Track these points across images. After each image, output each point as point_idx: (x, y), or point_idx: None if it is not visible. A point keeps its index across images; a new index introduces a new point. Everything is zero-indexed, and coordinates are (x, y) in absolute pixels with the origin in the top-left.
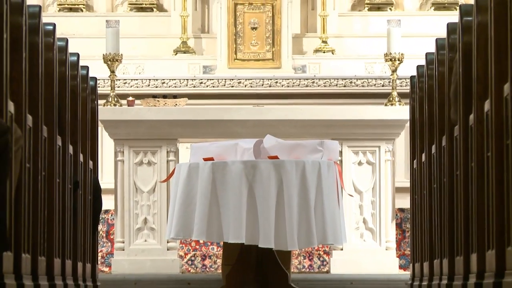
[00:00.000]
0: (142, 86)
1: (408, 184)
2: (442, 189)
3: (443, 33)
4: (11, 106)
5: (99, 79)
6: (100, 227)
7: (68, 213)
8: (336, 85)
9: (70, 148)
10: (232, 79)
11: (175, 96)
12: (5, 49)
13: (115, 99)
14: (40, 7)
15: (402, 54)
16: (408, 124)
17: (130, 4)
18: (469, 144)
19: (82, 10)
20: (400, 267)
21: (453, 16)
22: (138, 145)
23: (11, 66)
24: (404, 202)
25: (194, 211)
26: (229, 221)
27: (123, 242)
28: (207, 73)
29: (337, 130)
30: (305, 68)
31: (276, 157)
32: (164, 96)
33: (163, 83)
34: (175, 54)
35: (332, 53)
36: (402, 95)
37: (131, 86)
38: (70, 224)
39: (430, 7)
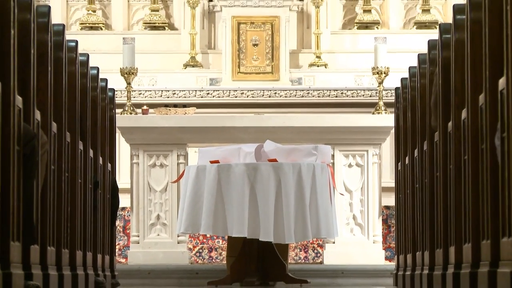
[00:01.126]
0: (155, 97)
1: (393, 184)
2: (423, 188)
3: (424, 49)
4: (37, 115)
5: (116, 90)
6: (117, 222)
7: (89, 210)
8: (329, 95)
9: (91, 152)
10: (236, 90)
11: (184, 106)
12: (33, 63)
13: (131, 108)
14: (63, 25)
15: (387, 68)
16: (393, 131)
17: (145, 23)
18: (448, 149)
19: (101, 29)
20: (386, 258)
21: (433, 34)
22: (151, 149)
23: (37, 78)
24: (390, 200)
25: (201, 208)
26: (233, 217)
27: (138, 236)
28: (213, 85)
29: (330, 136)
30: (301, 81)
31: (275, 160)
32: (175, 105)
33: (174, 93)
34: (185, 68)
35: (325, 67)
36: (387, 105)
37: (145, 97)
38: (90, 220)
39: (413, 26)
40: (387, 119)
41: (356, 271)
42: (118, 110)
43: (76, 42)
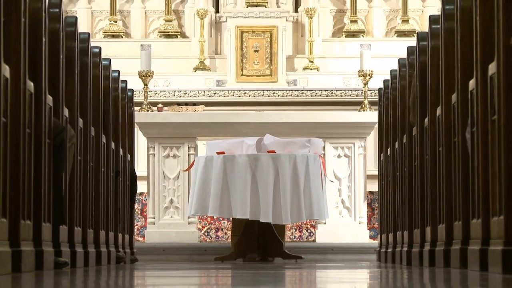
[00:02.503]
0: (169, 96)
1: (376, 172)
2: (403, 176)
3: (404, 55)
4: (66, 112)
5: (135, 91)
6: (136, 206)
7: (111, 195)
8: (320, 95)
9: (112, 144)
10: (239, 91)
11: (194, 104)
12: (61, 67)
13: (148, 106)
14: (89, 34)
15: (371, 71)
16: (376, 126)
17: (160, 32)
18: (424, 141)
19: (122, 37)
20: (370, 237)
21: (412, 41)
22: (165, 142)
23: (66, 80)
24: (373, 186)
25: (209, 193)
26: (236, 201)
27: (154, 218)
28: (220, 85)
29: (321, 130)
30: (296, 82)
31: (273, 152)
32: (186, 103)
33: (185, 93)
34: (195, 71)
35: (317, 70)
36: (372, 103)
37: (160, 96)
38: (112, 203)
39: (394, 34)
40: (371, 116)
41: (344, 248)
42: (136, 108)
43: (100, 48)
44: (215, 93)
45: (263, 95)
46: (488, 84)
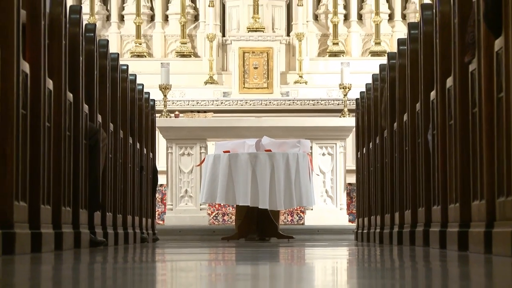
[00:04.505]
0: (184, 105)
1: (354, 167)
2: (376, 171)
3: (376, 71)
4: (99, 118)
5: (156, 100)
6: (157, 195)
7: (136, 186)
8: (308, 104)
9: (138, 144)
10: (242, 100)
11: (205, 111)
12: (95, 81)
13: (167, 113)
14: (118, 54)
15: (350, 84)
16: (354, 129)
17: (176, 52)
18: (393, 142)
19: (145, 56)
20: (349, 221)
21: (383, 60)
22: (181, 142)
23: (99, 92)
24: (352, 179)
25: (217, 185)
26: (239, 191)
27: (172, 205)
28: (226, 96)
29: (309, 133)
30: (288, 93)
31: (270, 151)
32: (198, 111)
33: (197, 103)
34: (205, 84)
35: (306, 84)
36: (350, 111)
37: (176, 105)
38: (138, 193)
39: (368, 54)
40: (350, 121)
41: (328, 230)
42: (157, 115)
43: (127, 66)
44: (222, 103)
45: (261, 104)
46: (446, 95)
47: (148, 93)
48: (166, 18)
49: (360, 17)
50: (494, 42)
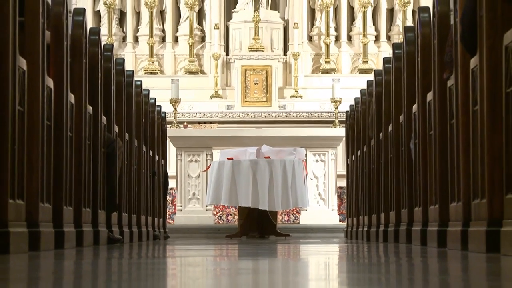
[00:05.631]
0: (192, 117)
1: (344, 172)
2: (363, 175)
3: (364, 86)
4: (116, 128)
5: (167, 113)
6: (167, 197)
7: (149, 189)
8: (303, 116)
9: (150, 152)
10: (243, 113)
11: (210, 122)
12: (112, 96)
13: (176, 124)
14: (133, 71)
15: (341, 98)
16: (344, 138)
17: (185, 69)
18: (379, 150)
19: (157, 73)
20: (340, 220)
21: (370, 77)
22: (189, 150)
23: (116, 105)
24: (342, 183)
25: (221, 188)
26: (241, 194)
27: (181, 206)
28: (229, 109)
29: (304, 142)
30: (285, 106)
31: (268, 158)
32: (204, 122)
33: (204, 115)
34: (211, 98)
35: (301, 98)
36: (341, 122)
37: (185, 117)
38: (151, 195)
39: (357, 71)
40: (340, 131)
41: (320, 228)
42: (168, 125)
43: (141, 82)
44: (226, 115)
45: (261, 116)
46: (427, 108)
47: (160, 106)
48: (176, 39)
49: (349, 38)
50: (470, 60)
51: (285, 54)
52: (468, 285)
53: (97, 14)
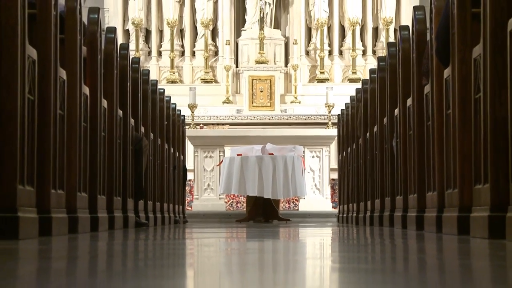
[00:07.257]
0: (207, 119)
1: (336, 166)
2: (353, 169)
3: (353, 93)
4: (142, 129)
5: (186, 116)
6: (186, 187)
7: (171, 181)
8: (301, 119)
9: (171, 149)
10: (251, 116)
11: (223, 124)
12: (139, 101)
13: (194, 125)
14: (157, 80)
15: (333, 104)
16: (336, 138)
17: (201, 79)
18: (366, 148)
19: (178, 82)
20: (333, 207)
21: (358, 85)
22: (205, 148)
23: (142, 109)
24: (335, 175)
25: (232, 180)
26: (249, 185)
27: (198, 195)
28: (238, 113)
29: (302, 140)
30: (286, 110)
31: (272, 154)
32: (217, 124)
33: (217, 117)
34: (223, 104)
35: (299, 103)
36: (333, 124)
37: (201, 119)
38: (172, 186)
39: (347, 81)
40: (333, 131)
41: (316, 214)
42: (186, 127)
43: (164, 89)
44: (235, 117)
45: (265, 118)
46: (407, 112)
47: (180, 110)
48: (193, 53)
49: (340, 52)
50: (444, 71)
51: (286, 66)
52: (442, 263)
53: (126, 32)
